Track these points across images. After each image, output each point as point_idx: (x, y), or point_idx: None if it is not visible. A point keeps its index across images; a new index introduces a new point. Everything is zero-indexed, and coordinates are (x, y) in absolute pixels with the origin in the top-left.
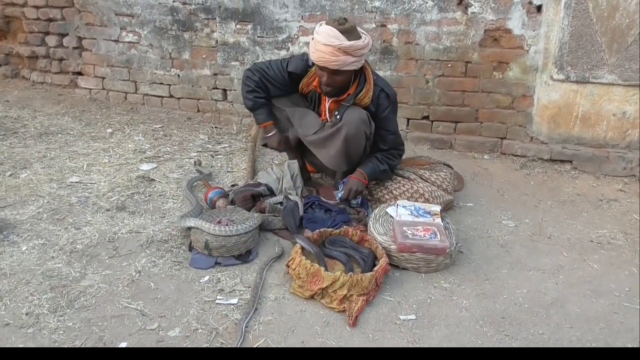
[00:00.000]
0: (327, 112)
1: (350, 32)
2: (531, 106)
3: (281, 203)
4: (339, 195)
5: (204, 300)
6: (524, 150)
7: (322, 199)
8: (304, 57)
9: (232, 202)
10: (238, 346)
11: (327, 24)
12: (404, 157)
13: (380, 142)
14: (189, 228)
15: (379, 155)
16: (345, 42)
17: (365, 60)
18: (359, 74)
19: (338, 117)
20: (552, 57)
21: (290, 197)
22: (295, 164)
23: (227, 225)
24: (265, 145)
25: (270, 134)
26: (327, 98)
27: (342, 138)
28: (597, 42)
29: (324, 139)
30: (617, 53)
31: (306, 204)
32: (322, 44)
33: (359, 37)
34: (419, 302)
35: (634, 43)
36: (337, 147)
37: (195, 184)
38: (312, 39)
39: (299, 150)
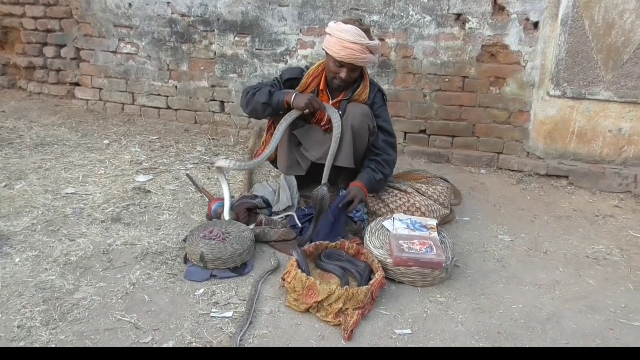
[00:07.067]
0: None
1: (369, 32)
2: (528, 121)
3: (283, 217)
4: (340, 195)
5: (199, 313)
6: (521, 165)
7: None
8: (296, 68)
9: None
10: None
11: (346, 22)
12: (400, 170)
13: (380, 135)
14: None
15: (372, 164)
16: (371, 42)
17: None
18: None
19: (340, 112)
20: (548, 73)
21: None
22: (291, 177)
23: (219, 236)
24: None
25: (294, 96)
26: (330, 99)
27: (349, 130)
28: (593, 59)
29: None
30: (613, 70)
31: (303, 216)
32: (351, 42)
33: (373, 38)
34: (414, 316)
35: (630, 60)
36: (347, 140)
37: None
38: (330, 36)
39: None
